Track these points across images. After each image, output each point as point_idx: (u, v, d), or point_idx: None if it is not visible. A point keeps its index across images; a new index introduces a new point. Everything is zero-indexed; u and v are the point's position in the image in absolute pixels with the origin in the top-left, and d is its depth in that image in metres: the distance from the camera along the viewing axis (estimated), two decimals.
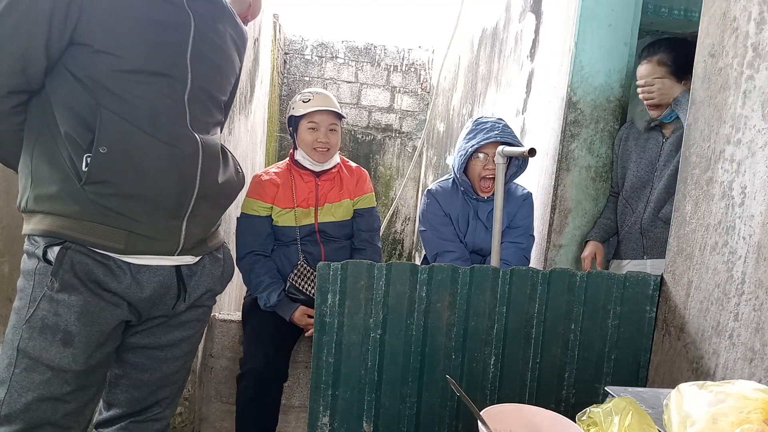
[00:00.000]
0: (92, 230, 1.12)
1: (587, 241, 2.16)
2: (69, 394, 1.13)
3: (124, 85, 1.12)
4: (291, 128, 2.19)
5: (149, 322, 1.27)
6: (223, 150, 1.34)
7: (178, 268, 1.25)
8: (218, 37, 1.28)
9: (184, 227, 1.22)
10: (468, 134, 2.06)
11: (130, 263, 1.17)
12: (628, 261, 2.03)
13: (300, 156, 2.16)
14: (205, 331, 1.45)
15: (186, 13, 1.19)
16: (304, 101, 2.12)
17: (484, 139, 1.98)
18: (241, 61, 1.43)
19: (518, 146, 1.96)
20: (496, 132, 1.98)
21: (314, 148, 2.12)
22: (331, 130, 2.13)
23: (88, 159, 1.09)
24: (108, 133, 1.10)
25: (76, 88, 1.11)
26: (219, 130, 1.36)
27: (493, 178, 2.02)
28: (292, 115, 2.16)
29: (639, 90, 1.97)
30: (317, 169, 2.17)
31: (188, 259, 1.27)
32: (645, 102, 1.96)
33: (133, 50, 1.12)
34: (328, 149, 2.14)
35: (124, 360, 1.29)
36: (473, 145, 1.99)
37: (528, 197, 2.16)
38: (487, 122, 2.04)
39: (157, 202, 1.16)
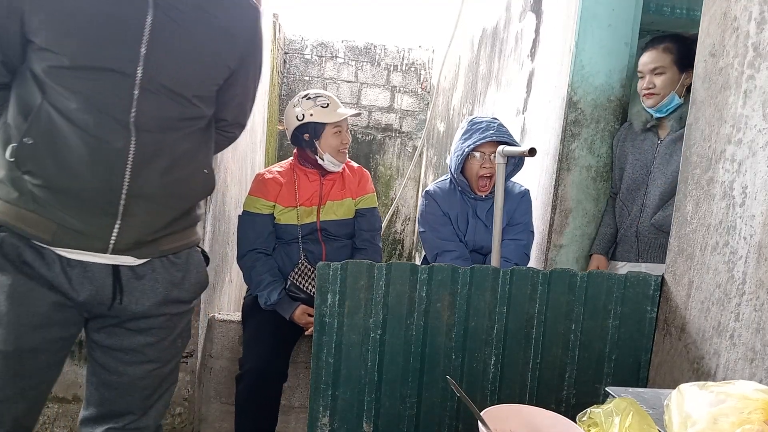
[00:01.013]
0: (23, 218, 1.13)
1: (591, 254, 2.16)
2: None
3: (64, 80, 1.11)
4: (307, 134, 2.12)
5: (102, 320, 1.24)
6: (197, 147, 1.27)
7: (116, 268, 1.20)
8: (193, 27, 1.20)
9: (117, 226, 1.17)
10: (464, 134, 2.07)
11: (60, 256, 1.16)
12: (624, 263, 2.04)
13: (328, 161, 2.14)
14: (185, 336, 1.38)
15: (143, 4, 1.14)
16: (323, 107, 2.11)
17: (480, 139, 2.00)
18: (240, 50, 1.31)
19: (513, 144, 1.98)
20: (492, 132, 2.00)
21: (340, 151, 2.15)
22: (347, 129, 2.19)
23: (14, 148, 1.12)
24: (38, 125, 1.11)
25: (29, 82, 1.14)
26: (195, 124, 1.27)
27: (490, 177, 2.03)
28: (311, 122, 2.10)
29: (640, 87, 1.96)
30: (336, 170, 2.19)
31: (128, 260, 1.21)
32: (643, 91, 1.94)
33: (71, 46, 1.10)
34: (347, 148, 2.20)
35: (93, 358, 1.28)
36: (470, 145, 2.01)
37: (526, 194, 2.17)
38: (482, 122, 2.06)
39: (83, 197, 1.14)
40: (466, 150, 2.01)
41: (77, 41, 1.10)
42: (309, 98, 2.13)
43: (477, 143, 1.99)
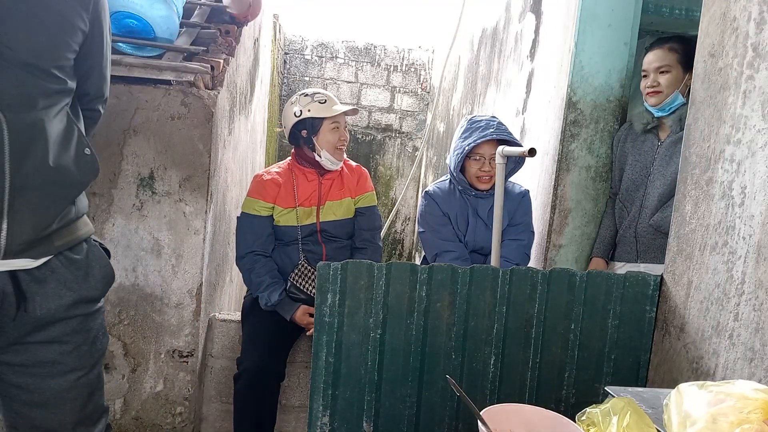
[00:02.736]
0: None
1: (592, 257, 2.17)
2: None
3: None
4: (305, 131, 2.13)
5: (5, 337, 1.13)
6: (70, 127, 1.14)
7: (13, 274, 1.09)
8: None
9: (4, 226, 1.04)
10: (463, 133, 2.08)
11: None
12: (622, 264, 2.04)
13: (325, 158, 2.15)
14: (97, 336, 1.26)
15: None
16: (321, 103, 2.12)
17: (480, 137, 2.00)
18: (89, 12, 1.16)
19: (513, 141, 2.00)
20: (491, 130, 2.01)
21: (337, 147, 2.15)
22: (345, 126, 2.19)
23: None
24: None
25: None
26: (63, 100, 1.14)
27: (490, 177, 2.03)
28: (309, 118, 2.11)
29: (643, 86, 1.96)
30: (334, 168, 2.19)
31: (24, 263, 1.09)
32: (647, 90, 1.94)
33: None
34: (345, 146, 2.20)
35: (8, 381, 1.17)
36: (470, 144, 2.01)
37: (526, 194, 2.18)
38: (481, 120, 2.07)
39: None
40: (466, 149, 2.01)
41: None
42: (306, 95, 2.14)
43: (477, 141, 2.00)
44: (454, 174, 2.09)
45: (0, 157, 1.02)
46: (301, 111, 2.12)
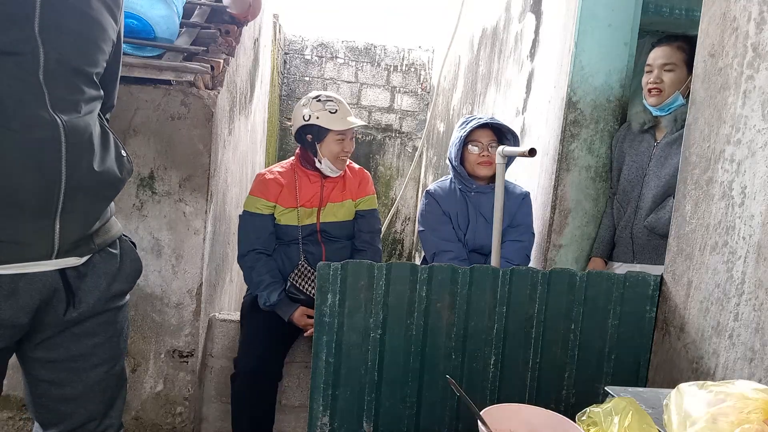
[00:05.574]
0: None
1: (591, 257, 2.17)
2: None
3: None
4: (310, 135, 2.12)
5: (46, 330, 1.15)
6: (105, 132, 1.18)
7: (62, 271, 1.13)
8: (79, 1, 1.10)
9: (57, 226, 1.07)
10: (460, 126, 2.14)
11: (1, 275, 1.05)
12: (619, 264, 2.04)
13: (325, 165, 2.14)
14: (125, 332, 1.32)
15: None
16: (331, 112, 2.09)
17: (477, 123, 2.07)
18: (117, 24, 1.21)
19: (507, 128, 2.09)
20: (486, 119, 2.10)
21: (339, 157, 2.14)
22: (351, 138, 2.18)
23: None
24: None
25: None
26: (98, 106, 1.18)
27: (490, 164, 2.08)
28: (316, 125, 2.09)
29: (646, 81, 1.94)
30: (334, 175, 2.19)
31: (72, 261, 1.14)
32: (649, 86, 1.93)
33: None
34: (348, 156, 2.19)
35: (39, 378, 1.18)
36: (467, 130, 2.07)
37: (527, 196, 2.20)
38: (477, 115, 2.19)
39: (15, 201, 1.02)
40: (463, 135, 2.07)
41: None
42: (319, 100, 2.11)
43: (474, 126, 2.06)
44: (454, 164, 2.10)
45: (57, 161, 1.04)
46: (310, 116, 2.09)
